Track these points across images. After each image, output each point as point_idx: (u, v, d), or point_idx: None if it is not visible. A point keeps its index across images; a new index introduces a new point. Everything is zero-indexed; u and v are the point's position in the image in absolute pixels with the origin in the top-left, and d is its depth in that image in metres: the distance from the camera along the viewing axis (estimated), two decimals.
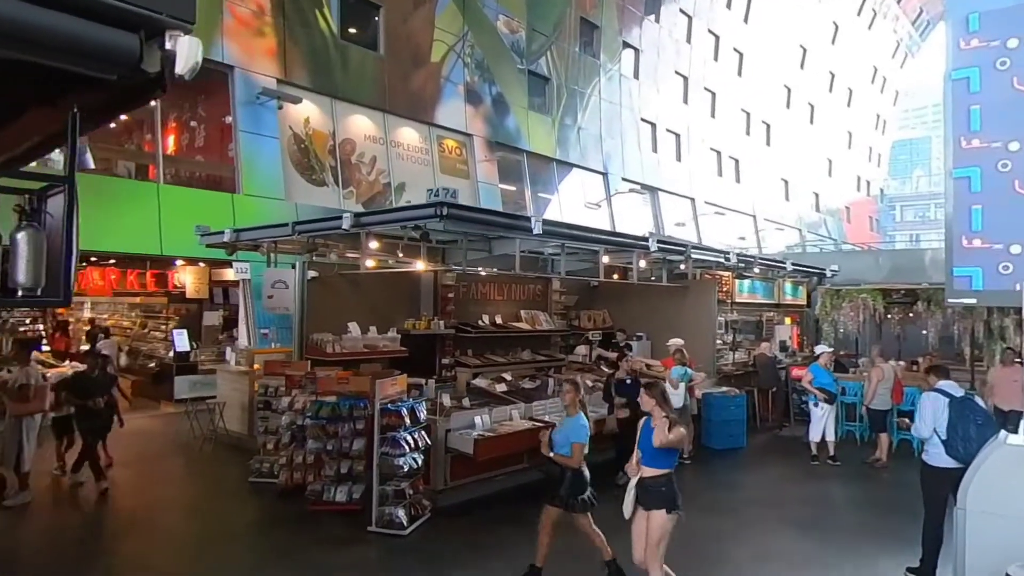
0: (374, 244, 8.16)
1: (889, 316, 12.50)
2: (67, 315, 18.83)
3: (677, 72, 29.85)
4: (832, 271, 15.31)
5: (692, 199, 30.11)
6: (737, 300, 13.71)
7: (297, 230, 8.41)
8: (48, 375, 11.65)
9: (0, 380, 6.81)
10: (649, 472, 4.89)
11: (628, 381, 8.32)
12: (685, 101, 30.36)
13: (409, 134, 18.64)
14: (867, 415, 10.04)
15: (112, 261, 16.41)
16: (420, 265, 9.18)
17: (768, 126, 36.25)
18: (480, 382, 9.12)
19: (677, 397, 9.18)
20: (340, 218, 7.61)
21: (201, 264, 15.45)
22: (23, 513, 6.87)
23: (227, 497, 7.79)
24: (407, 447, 6.28)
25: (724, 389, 11.18)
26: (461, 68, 19.98)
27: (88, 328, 16.35)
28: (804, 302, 15.91)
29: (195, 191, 14.53)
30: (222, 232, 9.48)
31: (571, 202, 23.72)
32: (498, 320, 11.29)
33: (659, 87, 28.60)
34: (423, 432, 6.66)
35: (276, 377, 8.23)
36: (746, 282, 14.15)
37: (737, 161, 33.77)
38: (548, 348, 12.02)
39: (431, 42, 19.17)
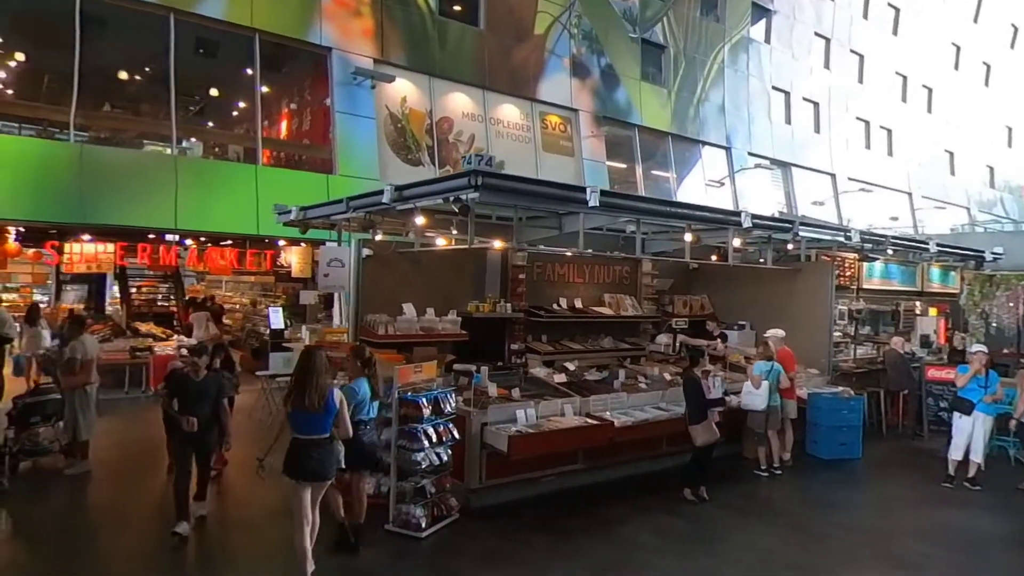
0: (420, 220, 7.60)
1: None
2: (198, 294, 20.31)
3: (817, 34, 26.87)
4: (995, 254, 12.83)
5: (832, 175, 27.12)
6: (865, 286, 11.83)
7: (351, 206, 8.06)
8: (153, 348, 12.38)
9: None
10: None
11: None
12: (826, 66, 27.29)
13: (509, 111, 18.02)
14: (1016, 429, 8.14)
15: (229, 242, 17.35)
16: (496, 244, 8.59)
17: (930, 91, 31.88)
18: (539, 371, 8.36)
19: (757, 397, 7.89)
20: (382, 192, 7.13)
21: (303, 244, 15.89)
22: (83, 482, 7.08)
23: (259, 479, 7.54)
24: (426, 441, 5.68)
25: (838, 389, 9.60)
26: (567, 40, 19.01)
27: (187, 298, 17.33)
28: (957, 290, 13.54)
29: (292, 172, 14.89)
30: (290, 210, 9.38)
31: (690, 180, 22.07)
32: (578, 304, 10.41)
33: (794, 51, 25.87)
34: (450, 425, 6.03)
35: None
36: (877, 266, 12.18)
37: (889, 131, 29.98)
38: (636, 335, 10.95)
39: (535, 14, 18.38)
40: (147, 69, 14.64)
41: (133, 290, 19.82)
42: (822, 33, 26.93)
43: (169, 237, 14.30)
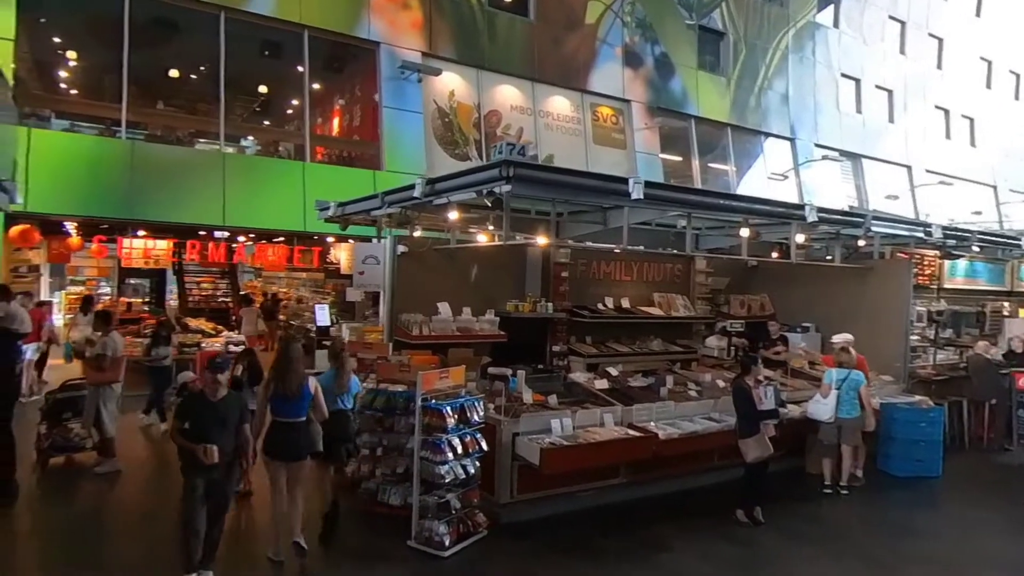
0: (454, 215, 7.21)
1: None
2: (255, 290, 20.60)
3: (892, 17, 25.23)
4: None
5: (908, 167, 25.45)
6: (946, 285, 10.80)
7: (385, 201, 7.75)
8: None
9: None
10: None
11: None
12: (902, 51, 25.61)
13: (559, 103, 17.48)
14: None
15: (281, 239, 17.45)
16: (538, 240, 8.14)
17: (1017, 76, 29.59)
18: (579, 376, 7.82)
19: (824, 407, 7.17)
20: (414, 186, 6.78)
21: (350, 241, 15.79)
22: (111, 481, 6.98)
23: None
24: (451, 453, 5.27)
25: (916, 398, 8.72)
26: (619, 28, 18.31)
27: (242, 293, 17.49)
28: None
29: (339, 169, 14.78)
30: (329, 206, 9.16)
31: (751, 174, 21.02)
32: (625, 304, 9.82)
33: (866, 36, 24.33)
34: (478, 435, 5.60)
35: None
36: (961, 264, 11.12)
37: (972, 120, 27.95)
38: (688, 338, 10.28)
39: (586, 3, 17.76)
40: (200, 68, 14.77)
41: (193, 286, 20.29)
42: (897, 16, 25.27)
43: (218, 234, 14.40)
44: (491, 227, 8.90)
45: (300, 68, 14.42)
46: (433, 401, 5.42)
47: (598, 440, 6.07)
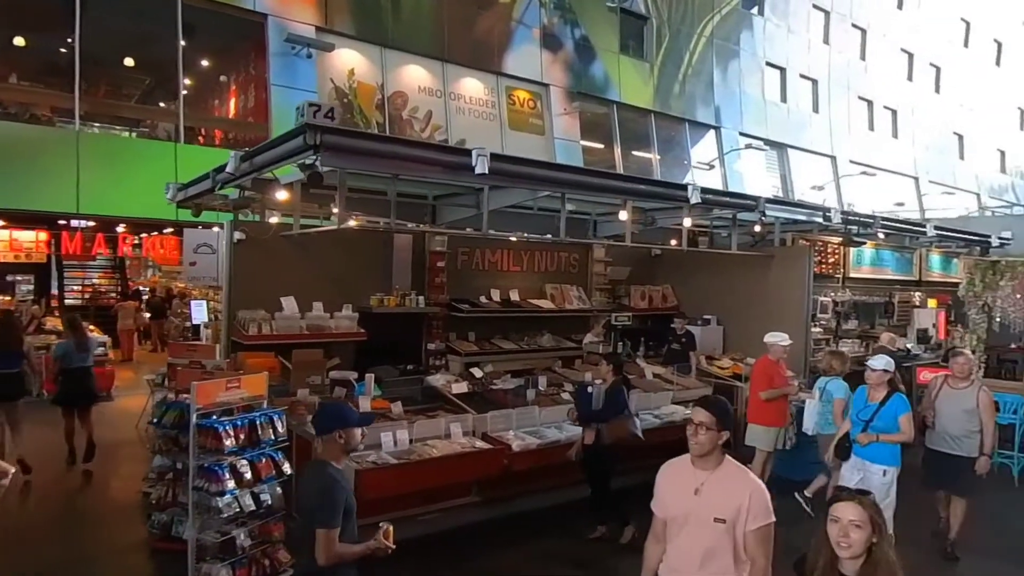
0: (282, 195, 6.22)
1: None
2: (154, 284, 19.04)
3: (816, 7, 25.16)
4: (1002, 239, 11.31)
5: (833, 157, 25.49)
6: (852, 275, 10.35)
7: (217, 180, 6.65)
8: None
9: None
10: None
11: (589, 389, 5.78)
12: (826, 41, 25.60)
13: (472, 85, 16.55)
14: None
15: (170, 230, 16.04)
16: (392, 225, 7.18)
17: (938, 69, 30.09)
18: (438, 379, 6.94)
19: (807, 416, 6.64)
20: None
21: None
22: None
23: (79, 519, 6.25)
24: (231, 480, 4.29)
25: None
26: (536, 9, 17.49)
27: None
28: (960, 279, 12.00)
29: (217, 151, 13.44)
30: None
31: (675, 162, 20.54)
32: (514, 296, 8.99)
33: (791, 25, 24.18)
34: (279, 456, 4.64)
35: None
36: (868, 252, 10.70)
37: (894, 112, 28.26)
38: (584, 332, 9.52)
39: None
40: (58, 38, 13.22)
41: (76, 282, 18.65)
42: (821, 6, 25.22)
43: (76, 223, 12.97)
44: (359, 213, 7.93)
45: (175, 42, 13.07)
46: (215, 417, 4.43)
47: (434, 456, 5.18)
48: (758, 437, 6.76)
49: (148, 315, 16.47)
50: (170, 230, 16.05)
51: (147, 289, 18.45)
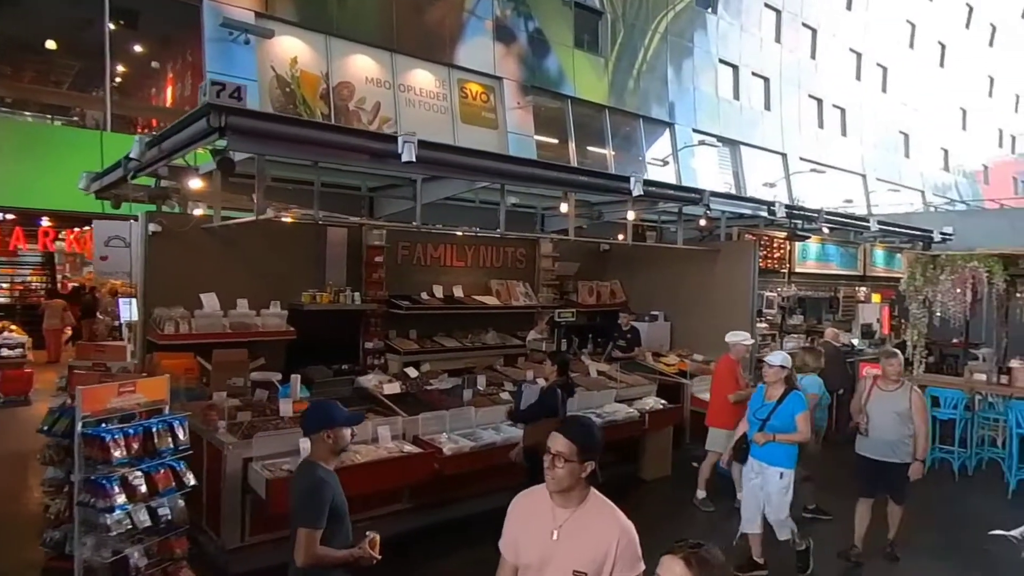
0: (196, 183, 5.80)
1: (1019, 295, 8.78)
2: (88, 282, 18.10)
3: (768, 5, 25.41)
4: (943, 235, 11.50)
5: (784, 154, 25.79)
6: (798, 269, 10.35)
7: (129, 168, 6.18)
8: None
9: None
10: None
11: (522, 388, 5.57)
12: (778, 40, 25.87)
13: (423, 77, 16.13)
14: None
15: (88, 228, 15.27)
16: (328, 218, 6.77)
17: (885, 70, 30.74)
18: (369, 380, 6.60)
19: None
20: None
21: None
22: None
23: None
24: (122, 495, 3.90)
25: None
26: (489, 0, 17.16)
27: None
28: (903, 274, 12.16)
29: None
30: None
31: (630, 157, 20.46)
32: (458, 293, 8.70)
33: (743, 23, 24.37)
34: (181, 466, 4.25)
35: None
36: (813, 247, 10.72)
37: (843, 111, 28.77)
38: (531, 328, 9.28)
39: None
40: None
41: (4, 281, 17.67)
42: (772, 5, 25.50)
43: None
44: (292, 205, 7.51)
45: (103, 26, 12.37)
46: (104, 425, 4.02)
47: (358, 462, 4.85)
48: (718, 441, 6.47)
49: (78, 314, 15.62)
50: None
51: (80, 288, 17.54)
